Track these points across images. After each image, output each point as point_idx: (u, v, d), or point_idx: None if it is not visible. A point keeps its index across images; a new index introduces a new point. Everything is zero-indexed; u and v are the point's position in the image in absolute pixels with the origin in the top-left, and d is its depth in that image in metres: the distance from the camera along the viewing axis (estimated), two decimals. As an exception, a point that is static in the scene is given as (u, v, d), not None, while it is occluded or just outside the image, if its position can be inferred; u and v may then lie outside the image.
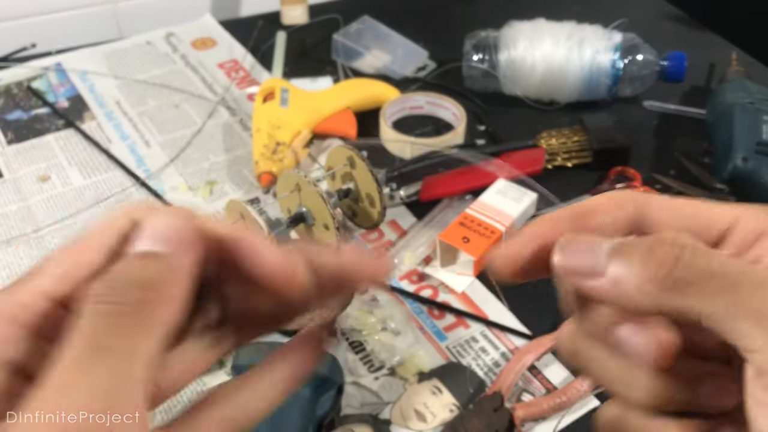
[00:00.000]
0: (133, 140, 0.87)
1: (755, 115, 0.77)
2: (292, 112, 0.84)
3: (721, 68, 0.95)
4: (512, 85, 0.91)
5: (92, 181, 0.81)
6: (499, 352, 0.63)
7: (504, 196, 0.74)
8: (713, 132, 0.81)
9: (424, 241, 0.73)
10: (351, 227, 0.75)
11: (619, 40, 0.88)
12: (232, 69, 0.99)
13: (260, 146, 0.80)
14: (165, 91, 0.95)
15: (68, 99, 0.94)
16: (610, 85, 0.89)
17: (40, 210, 0.78)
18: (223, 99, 0.94)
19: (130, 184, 0.81)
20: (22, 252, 0.73)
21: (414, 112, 0.91)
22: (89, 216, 0.77)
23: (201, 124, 0.90)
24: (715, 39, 1.05)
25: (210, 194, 0.80)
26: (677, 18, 1.11)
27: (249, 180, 0.82)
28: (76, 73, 0.98)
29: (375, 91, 0.91)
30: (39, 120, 0.90)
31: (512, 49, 0.89)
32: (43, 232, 0.75)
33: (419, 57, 1.00)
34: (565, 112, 0.91)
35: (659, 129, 0.89)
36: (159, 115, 0.91)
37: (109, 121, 0.90)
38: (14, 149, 0.86)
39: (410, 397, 0.60)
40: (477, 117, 0.91)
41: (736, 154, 0.74)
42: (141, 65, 1.00)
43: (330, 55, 1.00)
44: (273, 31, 1.04)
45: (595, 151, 0.81)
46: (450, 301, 0.68)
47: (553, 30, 0.90)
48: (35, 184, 0.81)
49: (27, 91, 0.95)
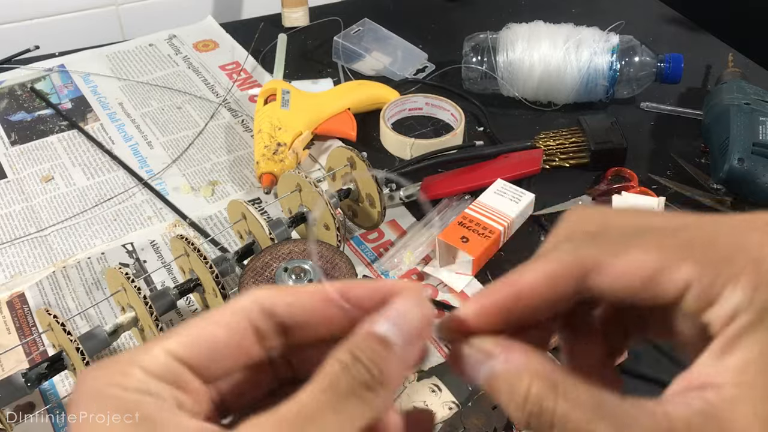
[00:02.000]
0: (136, 141, 0.88)
1: (751, 115, 0.77)
2: (293, 114, 0.85)
3: (717, 69, 0.95)
4: (511, 86, 0.91)
5: (95, 181, 0.82)
6: (497, 350, 0.64)
7: (502, 196, 0.74)
8: (710, 133, 0.82)
9: (424, 240, 0.74)
10: (351, 227, 0.76)
11: (616, 42, 0.89)
12: (234, 71, 1.00)
13: (261, 147, 0.81)
14: (167, 92, 0.96)
15: (71, 100, 0.95)
16: (607, 87, 0.89)
17: (43, 210, 0.78)
18: (225, 100, 0.94)
19: (133, 184, 0.82)
20: (26, 252, 0.74)
21: (413, 114, 0.92)
22: (92, 216, 0.77)
23: (203, 125, 0.91)
24: (711, 40, 1.06)
25: (212, 194, 0.81)
26: (674, 20, 1.12)
27: (250, 180, 0.83)
28: (80, 74, 0.99)
29: (375, 93, 0.92)
30: (42, 121, 0.91)
31: (510, 51, 0.90)
32: (47, 233, 0.76)
33: (419, 59, 1.00)
34: (562, 113, 0.92)
35: (656, 130, 0.90)
36: (161, 117, 0.92)
37: (112, 123, 0.91)
38: (18, 150, 0.87)
39: (409, 395, 0.60)
40: (476, 118, 0.92)
41: (732, 154, 0.74)
42: (144, 67, 1.01)
43: (330, 57, 1.01)
44: (274, 33, 1.05)
45: (592, 151, 0.82)
46: (449, 300, 0.69)
47: (550, 32, 0.90)
48: (39, 184, 0.82)
49: (30, 93, 0.95)
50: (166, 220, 0.77)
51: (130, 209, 0.79)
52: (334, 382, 0.24)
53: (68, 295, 0.69)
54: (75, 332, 0.56)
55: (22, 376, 0.55)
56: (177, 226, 0.77)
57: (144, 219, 0.77)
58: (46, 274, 0.71)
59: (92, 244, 0.74)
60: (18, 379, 0.55)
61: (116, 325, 0.59)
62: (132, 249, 0.74)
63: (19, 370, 0.56)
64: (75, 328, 0.64)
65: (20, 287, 0.70)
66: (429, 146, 0.84)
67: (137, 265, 0.72)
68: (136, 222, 0.77)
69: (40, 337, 0.64)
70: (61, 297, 0.69)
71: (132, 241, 0.75)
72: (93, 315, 0.67)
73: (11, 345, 0.64)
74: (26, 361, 0.63)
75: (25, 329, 0.66)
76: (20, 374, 0.55)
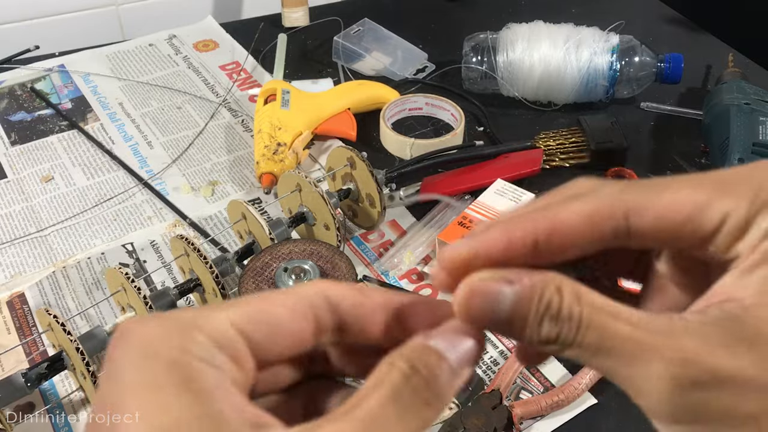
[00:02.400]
0: (136, 141, 0.88)
1: (751, 115, 0.77)
2: (293, 114, 0.85)
3: (717, 69, 0.95)
4: (511, 86, 0.91)
5: (95, 181, 0.82)
6: (498, 350, 0.64)
7: (503, 196, 0.74)
8: (710, 133, 0.82)
9: (424, 240, 0.74)
10: (351, 227, 0.76)
11: (616, 42, 0.89)
12: (234, 71, 1.00)
13: (261, 147, 0.81)
14: (167, 92, 0.96)
15: (71, 100, 0.95)
16: (607, 87, 0.89)
17: (43, 210, 0.78)
18: (225, 100, 0.94)
19: (133, 184, 0.82)
20: (26, 252, 0.74)
21: (413, 114, 0.92)
22: (92, 216, 0.77)
23: (203, 125, 0.91)
24: (711, 40, 1.06)
25: (212, 194, 0.81)
26: (674, 20, 1.12)
27: (250, 180, 0.83)
28: (80, 74, 0.99)
29: (375, 93, 0.92)
30: (42, 121, 0.91)
31: (510, 51, 0.90)
32: (47, 233, 0.76)
33: (419, 59, 1.00)
34: (562, 113, 0.92)
35: (656, 130, 0.90)
36: (161, 117, 0.92)
37: (112, 123, 0.91)
38: (18, 150, 0.87)
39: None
40: (476, 118, 0.92)
41: (732, 154, 0.74)
42: (144, 67, 1.01)
43: (331, 57, 1.01)
44: (274, 33, 1.05)
45: (592, 151, 0.82)
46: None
47: (551, 32, 0.90)
48: (39, 184, 0.82)
49: (30, 93, 0.95)
50: (166, 220, 0.77)
51: (130, 209, 0.79)
52: (397, 391, 0.23)
53: (68, 295, 0.69)
54: (75, 332, 0.56)
55: (22, 376, 0.55)
56: (177, 226, 0.77)
57: (144, 219, 0.77)
58: (46, 274, 0.71)
59: (92, 244, 0.74)
60: (18, 379, 0.55)
61: (116, 325, 0.59)
62: (132, 249, 0.74)
63: (19, 370, 0.56)
64: (75, 328, 0.64)
65: (20, 287, 0.70)
66: (429, 146, 0.84)
67: (137, 265, 0.72)
68: (136, 222, 0.77)
69: (40, 337, 0.64)
70: (61, 297, 0.69)
71: (132, 241, 0.75)
72: (93, 315, 0.67)
73: (11, 345, 0.64)
74: (26, 361, 0.63)
75: (25, 329, 0.66)
76: (20, 374, 0.56)
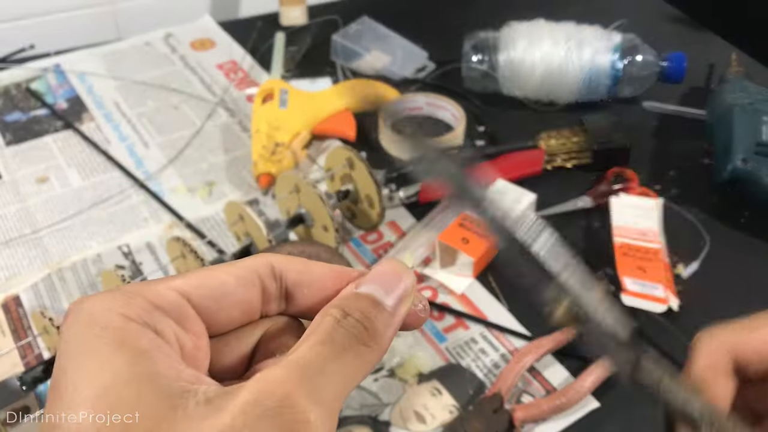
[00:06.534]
0: (132, 141, 0.87)
1: (755, 115, 0.76)
2: (291, 113, 0.84)
3: (720, 69, 0.95)
4: (512, 86, 0.91)
5: (91, 182, 0.81)
6: (499, 354, 0.63)
7: (503, 196, 0.74)
8: (713, 133, 0.81)
9: (424, 242, 0.73)
10: (350, 228, 0.75)
11: (618, 41, 0.88)
12: (231, 70, 0.99)
13: (259, 147, 0.80)
14: (164, 92, 0.95)
15: (67, 100, 0.94)
16: (609, 86, 0.89)
17: (38, 211, 0.77)
18: (222, 100, 0.94)
19: (129, 185, 0.81)
20: (21, 254, 0.73)
21: (413, 113, 0.91)
22: (88, 217, 0.77)
23: (200, 125, 0.90)
24: (714, 39, 1.05)
25: (209, 195, 0.80)
26: (677, 19, 1.11)
27: (248, 181, 0.82)
28: (75, 74, 0.98)
29: (374, 93, 0.91)
30: (38, 121, 0.90)
31: (512, 50, 0.89)
32: (42, 234, 0.75)
33: (419, 58, 1.00)
34: (564, 113, 0.91)
35: (659, 130, 0.89)
36: (158, 116, 0.91)
37: (108, 123, 0.90)
38: (13, 150, 0.86)
39: (410, 399, 0.60)
40: (476, 118, 0.91)
41: (735, 155, 0.74)
42: (140, 66, 1.00)
43: (329, 56, 1.00)
44: (272, 32, 1.04)
45: (594, 151, 0.81)
46: (449, 302, 0.68)
47: (552, 31, 0.90)
48: (34, 185, 0.81)
49: (26, 93, 0.94)
50: (162, 221, 0.77)
51: (126, 210, 0.78)
52: (330, 334, 0.23)
53: (63, 297, 0.68)
54: (69, 336, 0.55)
55: (18, 380, 0.55)
56: (173, 227, 0.76)
57: (140, 220, 0.77)
58: (41, 276, 0.70)
59: (88, 245, 0.74)
60: (13, 382, 0.55)
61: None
62: (128, 251, 0.73)
63: (15, 373, 0.55)
64: (70, 332, 0.63)
65: (15, 289, 0.69)
66: (429, 146, 0.83)
67: (133, 267, 0.72)
68: (132, 223, 0.76)
69: (36, 340, 0.64)
70: (56, 299, 0.68)
71: (128, 242, 0.74)
72: (88, 318, 0.66)
73: (6, 348, 0.63)
74: (21, 364, 0.62)
75: (20, 332, 0.65)
76: (15, 378, 0.55)
